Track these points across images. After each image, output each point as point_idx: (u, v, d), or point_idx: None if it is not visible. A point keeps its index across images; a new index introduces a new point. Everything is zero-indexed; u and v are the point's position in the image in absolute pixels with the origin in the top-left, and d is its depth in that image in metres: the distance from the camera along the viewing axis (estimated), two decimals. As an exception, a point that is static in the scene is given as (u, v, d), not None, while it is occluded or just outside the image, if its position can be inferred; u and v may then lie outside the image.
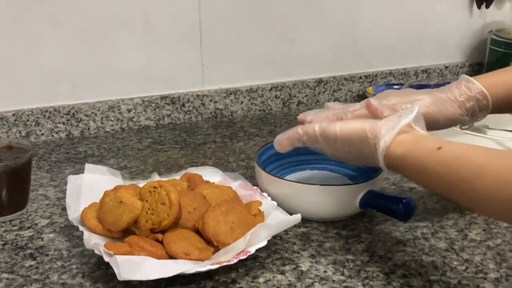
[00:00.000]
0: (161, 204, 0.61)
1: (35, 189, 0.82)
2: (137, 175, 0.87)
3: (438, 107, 0.67)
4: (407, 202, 0.65)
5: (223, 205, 0.64)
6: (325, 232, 0.70)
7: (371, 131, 0.59)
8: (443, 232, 0.70)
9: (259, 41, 1.13)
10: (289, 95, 1.18)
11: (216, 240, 0.61)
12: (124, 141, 1.01)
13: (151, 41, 1.05)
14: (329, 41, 1.20)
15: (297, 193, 0.70)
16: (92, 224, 0.63)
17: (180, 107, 1.10)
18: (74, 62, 1.00)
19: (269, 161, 0.81)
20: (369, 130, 0.59)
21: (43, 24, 0.96)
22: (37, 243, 0.68)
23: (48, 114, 1.00)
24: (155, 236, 0.61)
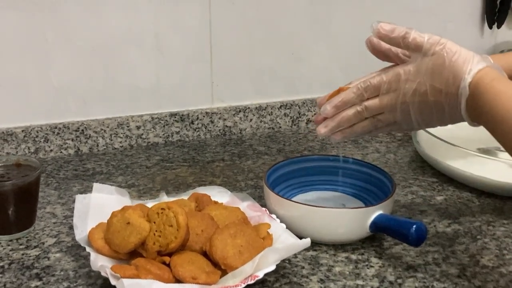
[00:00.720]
0: (168, 226, 0.60)
1: (43, 207, 0.81)
2: (145, 193, 0.86)
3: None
4: (419, 227, 0.64)
5: (231, 227, 0.63)
6: (335, 256, 0.69)
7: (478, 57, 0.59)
8: (454, 258, 0.69)
9: (268, 59, 1.13)
10: (299, 113, 1.18)
11: (224, 263, 0.60)
12: (132, 158, 1.01)
13: (161, 58, 1.05)
14: (338, 59, 1.19)
15: (307, 215, 0.69)
16: (99, 245, 0.63)
17: (189, 124, 1.10)
18: (84, 79, 1.01)
19: (278, 181, 0.80)
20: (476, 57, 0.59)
21: (54, 40, 0.96)
22: (43, 263, 0.67)
23: (57, 131, 1.00)
24: (162, 259, 0.60)
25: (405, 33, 0.62)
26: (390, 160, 1.00)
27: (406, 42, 0.62)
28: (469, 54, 0.60)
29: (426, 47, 0.61)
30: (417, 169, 0.96)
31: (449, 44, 0.61)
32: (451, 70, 0.59)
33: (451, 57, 0.59)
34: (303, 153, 1.03)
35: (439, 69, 0.60)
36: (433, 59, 0.61)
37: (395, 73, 0.64)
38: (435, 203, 0.83)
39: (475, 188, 0.87)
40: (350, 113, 0.67)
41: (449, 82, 0.60)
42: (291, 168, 0.83)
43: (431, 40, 0.61)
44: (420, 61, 0.62)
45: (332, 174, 0.83)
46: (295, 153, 1.04)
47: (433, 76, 0.61)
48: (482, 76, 0.58)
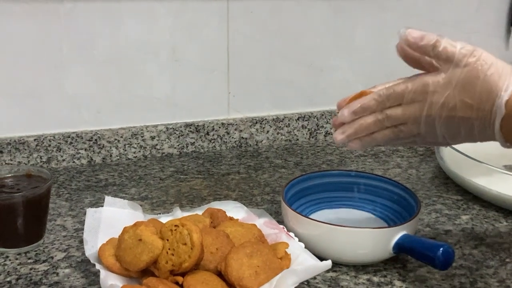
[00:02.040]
0: (182, 244, 0.57)
1: (53, 219, 0.79)
2: (158, 206, 0.84)
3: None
4: (446, 250, 0.61)
5: (247, 246, 0.60)
6: (356, 278, 0.65)
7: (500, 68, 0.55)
8: (482, 282, 0.65)
9: (286, 70, 1.11)
10: (317, 125, 1.15)
11: (240, 284, 0.57)
12: (146, 169, 0.98)
13: (177, 68, 1.03)
14: (358, 71, 1.16)
15: (327, 235, 0.66)
16: (109, 262, 0.60)
17: (204, 135, 1.07)
18: (98, 88, 0.99)
19: (296, 197, 0.77)
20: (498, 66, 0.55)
21: (69, 49, 0.95)
22: (52, 279, 0.65)
23: (70, 140, 0.98)
24: (174, 279, 0.57)
25: (436, 41, 0.58)
26: (412, 176, 0.96)
27: (436, 51, 0.58)
28: (507, 68, 0.55)
29: (458, 57, 0.56)
30: (440, 186, 0.92)
31: (484, 55, 0.56)
32: (485, 85, 0.55)
33: (486, 70, 0.55)
34: (321, 167, 1.00)
35: (472, 83, 0.56)
36: (465, 71, 0.56)
37: (422, 82, 0.59)
38: (460, 222, 0.80)
39: (502, 207, 0.83)
40: (369, 121, 0.63)
41: (483, 98, 0.55)
42: (310, 184, 0.80)
43: (464, 50, 0.56)
44: (451, 72, 0.57)
45: (352, 191, 0.80)
46: (313, 167, 1.01)
47: (465, 90, 0.56)
48: None
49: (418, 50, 0.60)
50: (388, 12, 1.14)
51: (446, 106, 0.58)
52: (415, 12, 1.16)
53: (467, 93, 0.56)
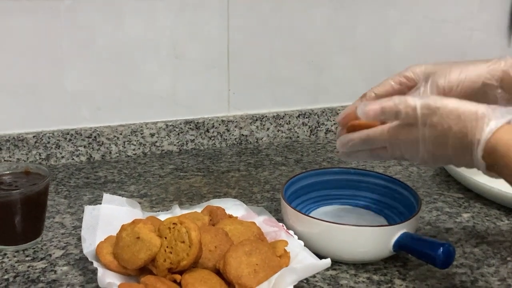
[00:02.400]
0: (180, 242, 0.57)
1: (52, 216, 0.79)
2: (157, 204, 0.83)
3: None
4: (446, 249, 0.60)
5: (246, 244, 0.60)
6: (355, 276, 0.65)
7: (482, 111, 0.52)
8: (483, 281, 0.65)
9: (287, 67, 1.10)
10: (317, 122, 1.14)
11: (238, 283, 0.57)
12: (145, 166, 0.98)
13: (177, 65, 1.02)
14: (360, 68, 1.16)
15: (327, 233, 0.65)
16: (107, 260, 0.60)
17: (204, 133, 1.06)
18: (98, 85, 0.98)
19: (296, 195, 0.77)
20: (480, 109, 0.52)
21: (68, 46, 0.94)
22: (49, 277, 0.64)
23: (69, 137, 0.98)
24: (173, 277, 0.57)
25: (396, 111, 0.56)
26: (413, 173, 0.95)
27: (399, 117, 0.57)
28: (471, 114, 0.52)
29: (422, 119, 0.55)
30: (441, 184, 0.91)
31: (446, 109, 0.54)
32: (456, 142, 0.53)
33: (452, 127, 0.53)
34: (321, 165, 1.00)
35: (443, 143, 0.54)
36: (433, 132, 0.55)
37: (396, 136, 0.58)
38: (461, 220, 0.79)
39: (504, 206, 0.83)
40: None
41: (458, 152, 0.54)
42: (310, 181, 0.79)
43: (425, 110, 0.54)
44: (421, 131, 0.55)
45: (353, 188, 0.79)
46: (313, 164, 1.00)
47: (439, 147, 0.55)
48: (497, 144, 0.51)
49: (384, 119, 0.60)
50: (390, 9, 1.13)
51: (426, 155, 0.57)
52: (416, 9, 1.15)
53: (442, 149, 0.55)
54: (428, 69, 0.64)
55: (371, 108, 0.58)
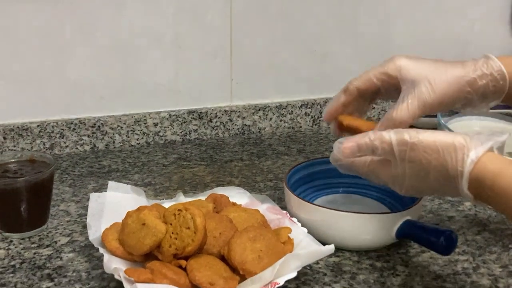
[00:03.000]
0: (185, 228, 0.57)
1: (57, 204, 0.79)
2: (161, 192, 0.84)
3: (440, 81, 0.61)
4: (448, 235, 0.61)
5: (250, 231, 0.60)
6: (358, 263, 0.66)
7: (460, 141, 0.51)
8: (485, 268, 0.65)
9: (290, 57, 1.10)
10: (320, 112, 1.15)
11: (243, 268, 0.57)
12: (149, 156, 0.99)
13: (180, 55, 1.02)
14: (362, 58, 1.16)
15: (330, 220, 0.66)
16: (113, 246, 0.60)
17: (207, 123, 1.07)
18: (101, 74, 0.99)
19: (299, 183, 0.77)
20: (458, 140, 0.51)
21: (72, 35, 0.95)
22: (55, 263, 0.65)
23: (73, 126, 0.98)
24: (178, 262, 0.57)
25: (373, 148, 0.56)
26: (415, 163, 0.96)
27: (377, 153, 0.57)
28: (451, 147, 0.52)
29: (399, 155, 0.54)
30: (443, 173, 0.92)
31: (421, 144, 0.53)
32: (438, 176, 0.53)
33: (431, 162, 0.52)
34: (324, 154, 1.00)
35: (424, 177, 0.54)
36: (412, 167, 0.54)
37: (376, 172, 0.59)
38: (463, 209, 0.80)
39: (506, 194, 0.83)
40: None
41: (442, 184, 0.53)
42: (313, 170, 0.79)
43: (402, 147, 0.54)
44: (400, 167, 0.55)
45: (356, 177, 0.79)
46: (316, 154, 1.00)
47: (422, 181, 0.54)
48: (482, 175, 0.50)
49: (360, 155, 0.59)
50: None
51: (410, 189, 0.57)
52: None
53: (425, 183, 0.55)
54: (411, 71, 0.62)
55: (346, 146, 0.59)
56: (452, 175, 0.52)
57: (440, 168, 0.52)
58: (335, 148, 0.61)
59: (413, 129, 0.55)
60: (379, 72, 0.65)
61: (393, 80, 0.64)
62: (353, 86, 0.67)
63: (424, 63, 0.63)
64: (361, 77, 0.67)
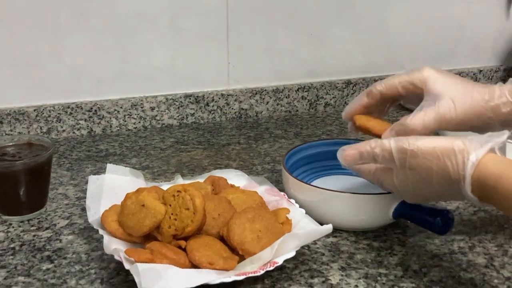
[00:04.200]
0: (185, 209, 0.58)
1: (55, 188, 0.79)
2: (159, 175, 0.84)
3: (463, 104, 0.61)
4: (445, 215, 0.61)
5: (249, 211, 0.61)
6: (356, 243, 0.66)
7: (459, 145, 0.52)
8: (481, 247, 0.66)
9: (287, 40, 1.10)
10: (317, 96, 1.15)
11: (242, 248, 0.58)
12: (146, 140, 0.99)
13: (177, 38, 1.02)
14: (359, 42, 1.16)
15: (327, 200, 0.66)
16: (112, 227, 0.60)
17: (204, 106, 1.07)
18: (98, 58, 0.98)
19: (297, 165, 0.77)
20: (457, 144, 0.52)
21: (67, 19, 0.94)
22: (55, 245, 0.66)
23: (70, 111, 0.98)
24: (177, 243, 0.58)
25: (373, 156, 0.58)
26: (412, 145, 0.96)
27: (378, 161, 0.58)
28: (451, 152, 0.52)
29: (400, 162, 0.56)
30: (440, 155, 0.92)
31: (421, 151, 0.54)
32: (441, 181, 0.53)
33: (432, 168, 0.53)
34: (321, 137, 1.01)
35: (427, 183, 0.54)
36: (414, 174, 0.55)
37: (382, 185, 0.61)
38: (459, 190, 0.80)
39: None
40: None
41: (446, 189, 0.54)
42: (310, 152, 0.80)
43: (401, 154, 0.55)
44: (402, 175, 0.56)
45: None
46: (312, 137, 1.01)
47: (425, 187, 0.55)
48: (484, 177, 0.50)
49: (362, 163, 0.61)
50: (389, -19, 1.13)
51: (416, 196, 0.58)
52: (415, -19, 1.15)
53: (429, 189, 0.55)
54: (437, 85, 0.62)
55: (348, 154, 0.60)
56: (455, 179, 0.52)
57: (442, 174, 0.53)
58: (339, 155, 0.63)
59: (412, 136, 0.56)
60: (405, 81, 0.65)
61: (417, 90, 0.64)
62: (377, 90, 0.67)
63: (452, 80, 0.63)
64: (385, 82, 0.67)
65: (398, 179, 0.57)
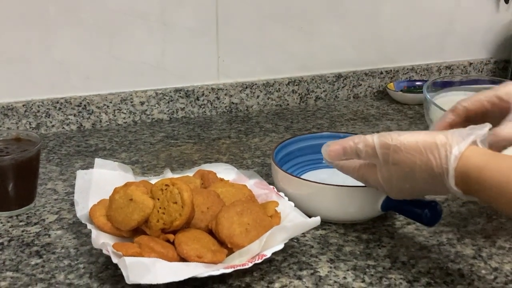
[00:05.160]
0: (173, 203, 0.58)
1: (44, 183, 0.79)
2: (149, 170, 0.84)
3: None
4: (433, 207, 0.61)
5: (238, 205, 0.61)
6: (345, 235, 0.66)
7: (441, 139, 0.52)
8: (469, 238, 0.66)
9: (277, 34, 1.10)
10: (307, 90, 1.15)
11: (230, 242, 0.58)
12: (136, 134, 0.98)
13: (166, 33, 1.02)
14: (349, 35, 1.16)
15: (316, 193, 0.67)
16: (100, 222, 0.60)
17: (194, 101, 1.07)
18: (87, 53, 0.98)
19: (286, 159, 0.77)
20: (439, 138, 0.52)
21: (56, 14, 0.93)
22: (44, 240, 0.65)
23: (59, 106, 0.98)
24: (166, 237, 0.58)
25: (357, 151, 0.58)
26: (402, 138, 0.97)
27: (361, 157, 0.59)
28: (433, 145, 0.52)
29: (383, 157, 0.56)
30: (429, 148, 0.92)
31: (404, 146, 0.54)
32: (424, 175, 0.53)
33: (415, 162, 0.53)
34: (311, 131, 1.01)
35: (411, 177, 0.55)
36: (398, 169, 0.55)
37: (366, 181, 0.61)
38: (448, 182, 0.80)
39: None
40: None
41: (430, 183, 0.54)
42: (300, 146, 0.80)
43: (384, 150, 0.55)
44: (385, 170, 0.57)
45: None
46: (303, 131, 1.01)
47: (409, 181, 0.55)
48: (467, 169, 0.50)
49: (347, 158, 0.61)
50: (379, -26, 1.13)
51: (401, 191, 0.58)
52: (405, -26, 1.15)
53: (413, 183, 0.55)
54: None
55: (332, 149, 0.61)
56: (438, 173, 0.52)
57: (425, 168, 0.53)
58: (323, 151, 0.63)
59: (395, 132, 0.56)
60: (491, 95, 0.64)
61: (503, 103, 0.63)
62: (462, 106, 0.66)
63: None
64: (470, 98, 0.66)
65: (382, 175, 0.57)
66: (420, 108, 1.11)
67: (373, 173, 0.59)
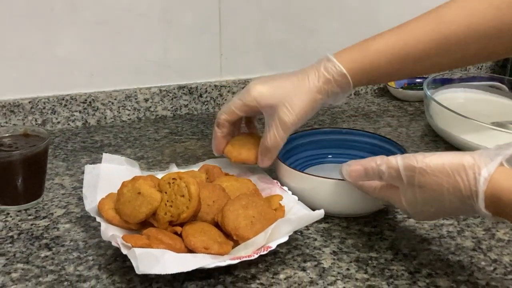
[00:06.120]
0: (180, 196, 0.59)
1: (51, 178, 0.80)
2: (154, 165, 0.85)
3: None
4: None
5: (243, 198, 0.62)
6: (347, 228, 0.68)
7: (468, 161, 0.50)
8: (469, 231, 0.68)
9: (278, 31, 1.11)
10: (308, 87, 1.16)
11: (236, 234, 0.59)
12: (140, 131, 1.00)
13: (169, 30, 1.03)
14: (350, 33, 1.17)
15: (319, 187, 0.68)
16: (109, 215, 0.62)
17: (197, 98, 1.08)
18: (91, 50, 0.99)
19: (289, 155, 0.79)
20: (466, 160, 0.51)
21: (60, 11, 0.95)
22: (52, 233, 0.67)
23: (65, 102, 0.99)
24: (173, 229, 0.59)
25: (379, 173, 0.57)
26: (402, 134, 0.98)
27: (384, 178, 0.58)
28: (461, 167, 0.51)
29: (408, 180, 0.54)
30: (430, 143, 0.94)
31: (430, 168, 0.52)
32: (452, 198, 0.52)
33: (443, 185, 0.52)
34: (313, 127, 1.02)
35: (438, 200, 0.53)
36: (424, 192, 0.54)
37: (392, 201, 0.60)
38: (448, 177, 0.82)
39: (489, 163, 0.85)
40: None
41: (457, 206, 0.52)
42: (302, 141, 0.81)
43: (408, 172, 0.54)
44: (410, 192, 0.55)
45: (344, 147, 0.82)
46: (305, 127, 1.02)
47: (434, 206, 0.54)
48: (499, 193, 0.49)
49: (368, 180, 0.61)
50: (379, -27, 1.15)
51: (425, 214, 0.57)
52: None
53: (439, 207, 0.54)
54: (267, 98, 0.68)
55: (354, 169, 0.61)
56: (467, 196, 0.51)
57: (453, 190, 0.51)
58: (344, 170, 0.64)
59: (420, 153, 0.54)
60: (239, 105, 0.70)
61: (254, 108, 0.69)
62: (222, 119, 0.72)
63: (276, 85, 0.69)
64: (226, 110, 0.72)
65: (406, 198, 0.56)
66: (420, 104, 1.12)
67: (396, 195, 0.57)
